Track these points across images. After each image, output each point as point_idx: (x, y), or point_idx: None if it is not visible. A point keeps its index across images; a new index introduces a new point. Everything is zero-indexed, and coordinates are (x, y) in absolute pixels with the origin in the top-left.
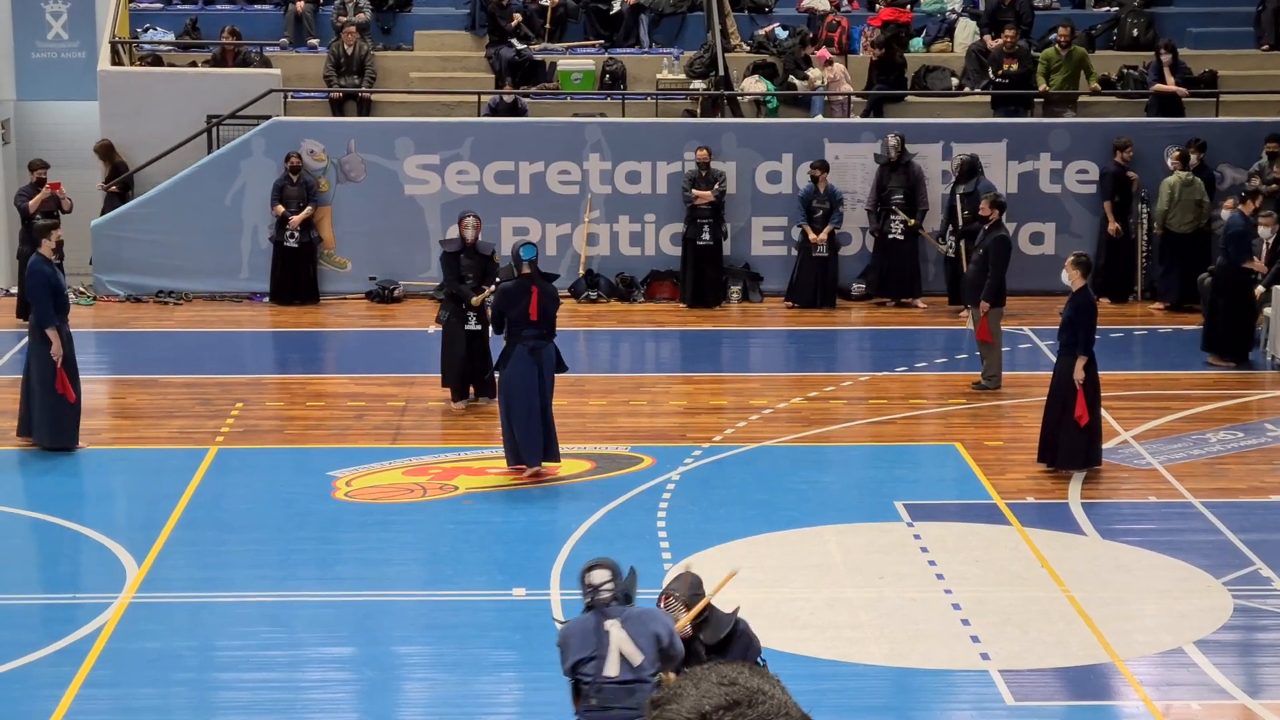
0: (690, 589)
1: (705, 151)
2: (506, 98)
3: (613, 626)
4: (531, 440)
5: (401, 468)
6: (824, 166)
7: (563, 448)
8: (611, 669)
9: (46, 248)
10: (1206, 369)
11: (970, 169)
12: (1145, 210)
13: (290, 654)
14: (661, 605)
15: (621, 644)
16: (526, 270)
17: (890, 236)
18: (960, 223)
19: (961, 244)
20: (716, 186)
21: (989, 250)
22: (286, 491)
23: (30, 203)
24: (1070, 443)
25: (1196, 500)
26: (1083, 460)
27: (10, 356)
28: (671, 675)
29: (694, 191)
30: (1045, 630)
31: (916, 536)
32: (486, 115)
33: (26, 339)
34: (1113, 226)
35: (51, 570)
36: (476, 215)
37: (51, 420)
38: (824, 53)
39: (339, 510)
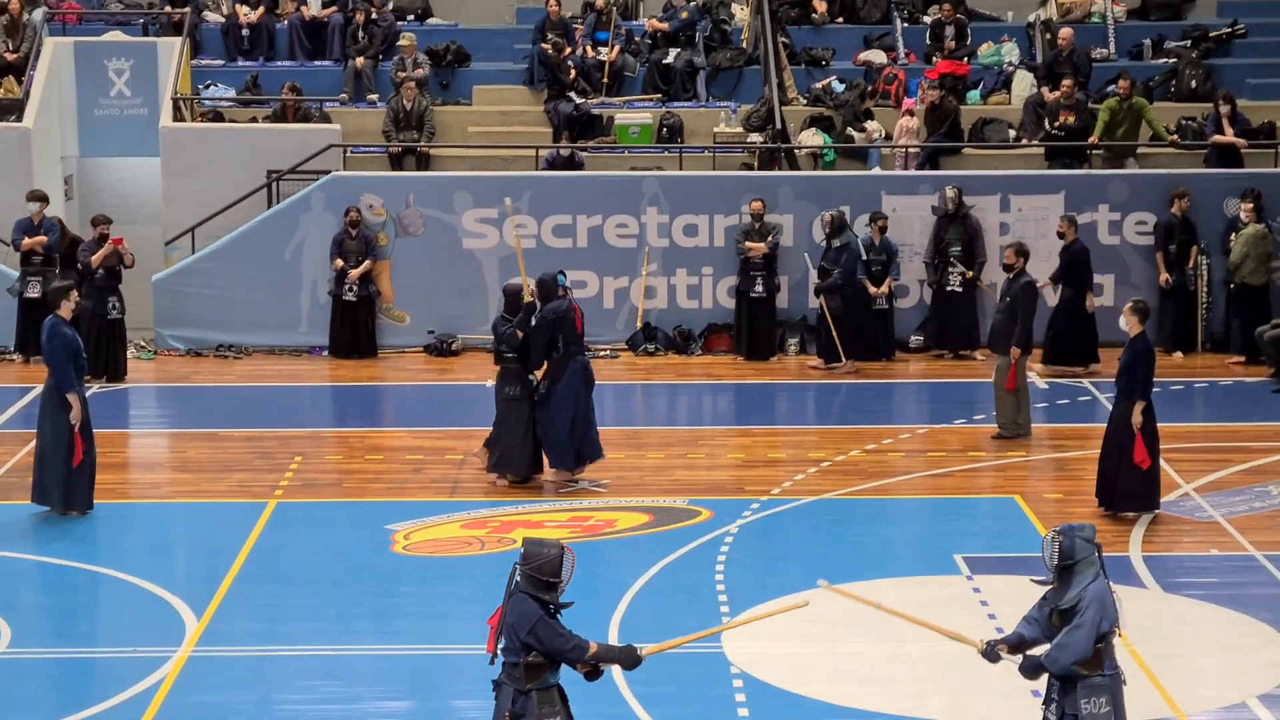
0: None
1: (760, 204)
2: (564, 151)
3: None
4: (567, 447)
5: (460, 521)
6: (880, 218)
7: (620, 500)
8: None
9: (65, 309)
10: (1269, 421)
11: (840, 225)
12: (1206, 261)
13: (349, 708)
14: None
15: None
16: (562, 293)
17: (948, 289)
18: (819, 279)
19: (822, 299)
20: (770, 239)
21: (1016, 298)
22: (345, 545)
23: (93, 258)
24: (1128, 486)
25: (1259, 553)
26: (1141, 503)
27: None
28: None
29: (747, 244)
30: None
31: (976, 590)
32: (544, 169)
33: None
34: (1163, 277)
35: (112, 624)
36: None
37: (64, 483)
38: (910, 102)
39: (397, 564)
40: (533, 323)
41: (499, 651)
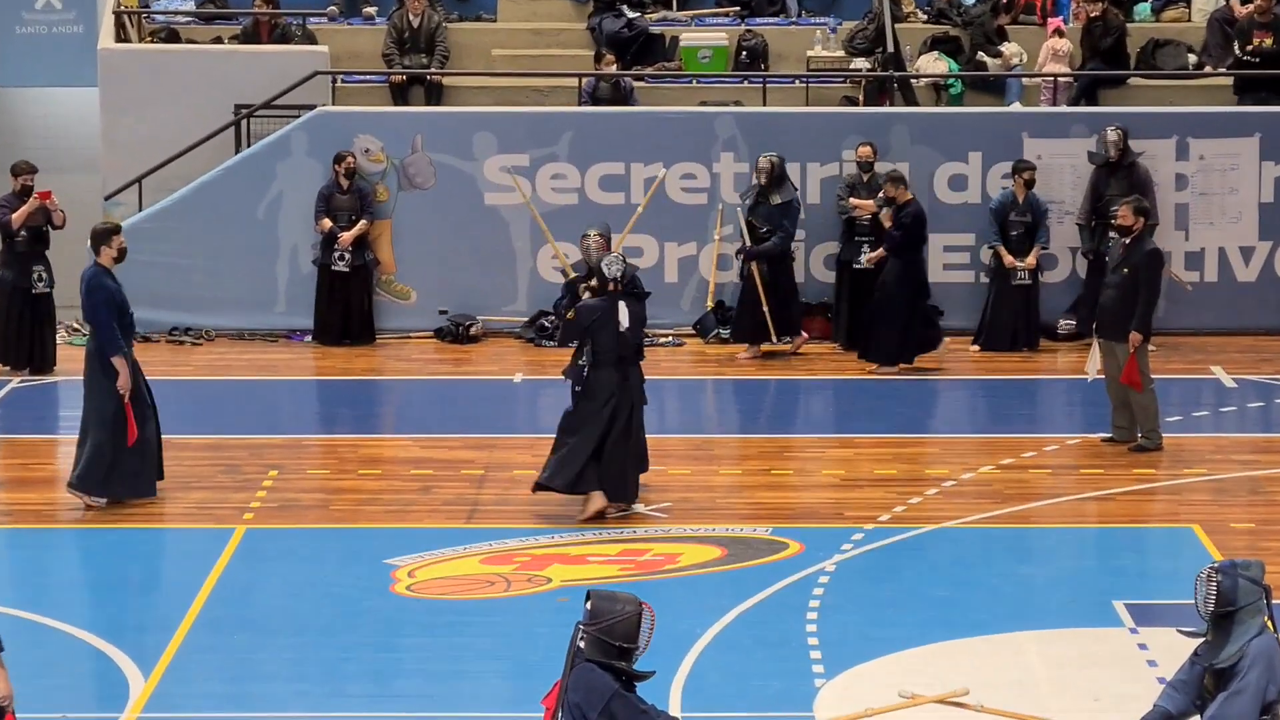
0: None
1: (869, 149)
2: (614, 81)
3: None
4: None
5: (479, 555)
6: (1024, 169)
7: (686, 528)
8: None
9: (107, 256)
10: None
11: (781, 175)
12: None
13: None
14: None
15: None
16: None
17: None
18: (749, 242)
19: (753, 267)
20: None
21: (1137, 268)
22: (333, 584)
23: (13, 216)
24: None
25: None
26: None
27: None
28: None
29: (852, 201)
30: None
31: (1142, 646)
32: (587, 104)
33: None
34: None
35: (36, 684)
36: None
37: (120, 467)
38: (1058, 21)
39: (400, 608)
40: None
41: None
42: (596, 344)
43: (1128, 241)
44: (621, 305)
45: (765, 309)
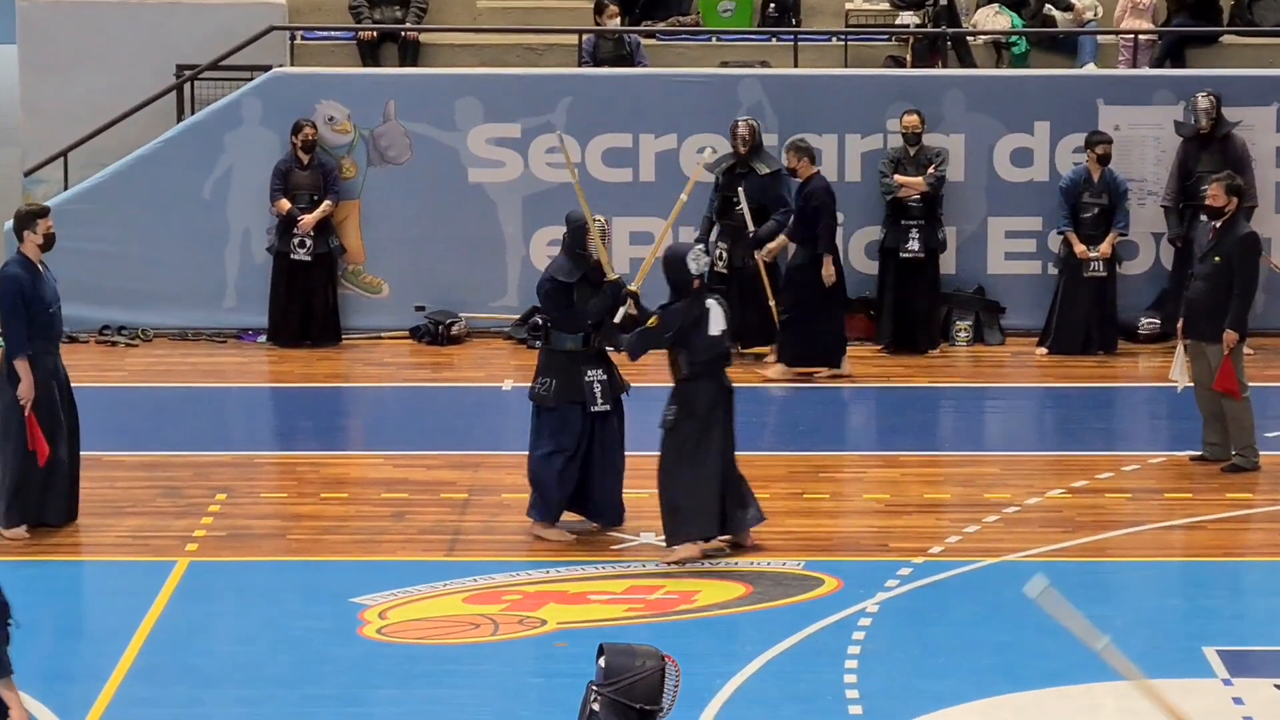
0: None
1: (916, 118)
2: (619, 38)
3: None
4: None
5: (462, 592)
6: (1100, 142)
7: (704, 563)
8: None
9: (31, 243)
10: None
11: (760, 143)
12: None
13: None
14: None
15: None
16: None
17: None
18: (753, 226)
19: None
20: (932, 171)
21: (1232, 257)
22: (291, 626)
23: None
24: None
25: None
26: None
27: None
28: None
29: (897, 179)
30: None
31: (1238, 701)
32: (588, 65)
33: None
34: None
35: None
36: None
37: (29, 489)
38: None
39: (369, 654)
40: (619, 311)
41: None
42: (691, 353)
43: (1218, 225)
44: (713, 305)
45: (772, 301)
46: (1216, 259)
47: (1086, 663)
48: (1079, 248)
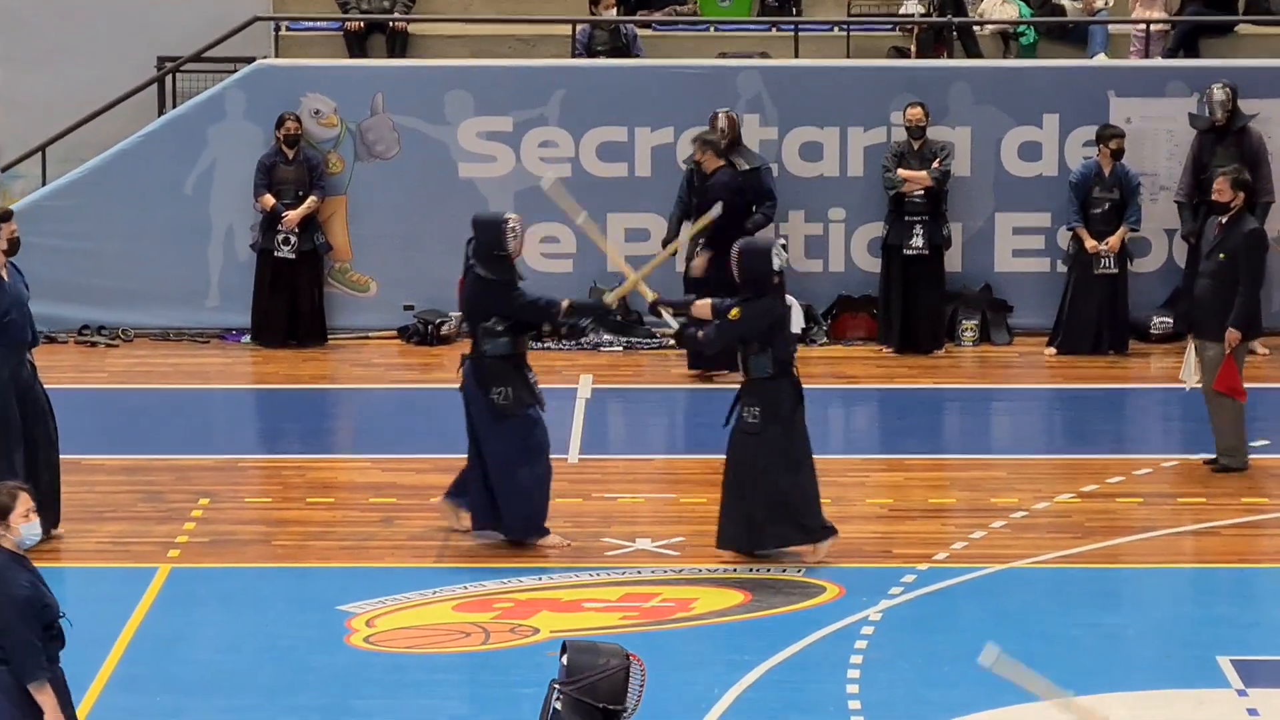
0: None
1: (921, 111)
2: (614, 28)
3: None
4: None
5: (452, 600)
6: (1113, 136)
7: (702, 568)
8: None
9: None
10: None
11: (739, 136)
12: None
13: None
14: None
15: None
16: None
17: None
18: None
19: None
20: (936, 165)
21: (1236, 252)
22: (277, 635)
23: None
24: None
25: None
26: None
27: None
28: None
29: (901, 173)
30: None
31: (1253, 712)
32: (582, 56)
33: None
34: None
35: None
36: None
37: None
38: None
39: (356, 664)
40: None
41: None
42: (775, 351)
43: (1224, 220)
44: (793, 302)
45: None
46: (1222, 255)
47: (1096, 673)
48: (1089, 243)
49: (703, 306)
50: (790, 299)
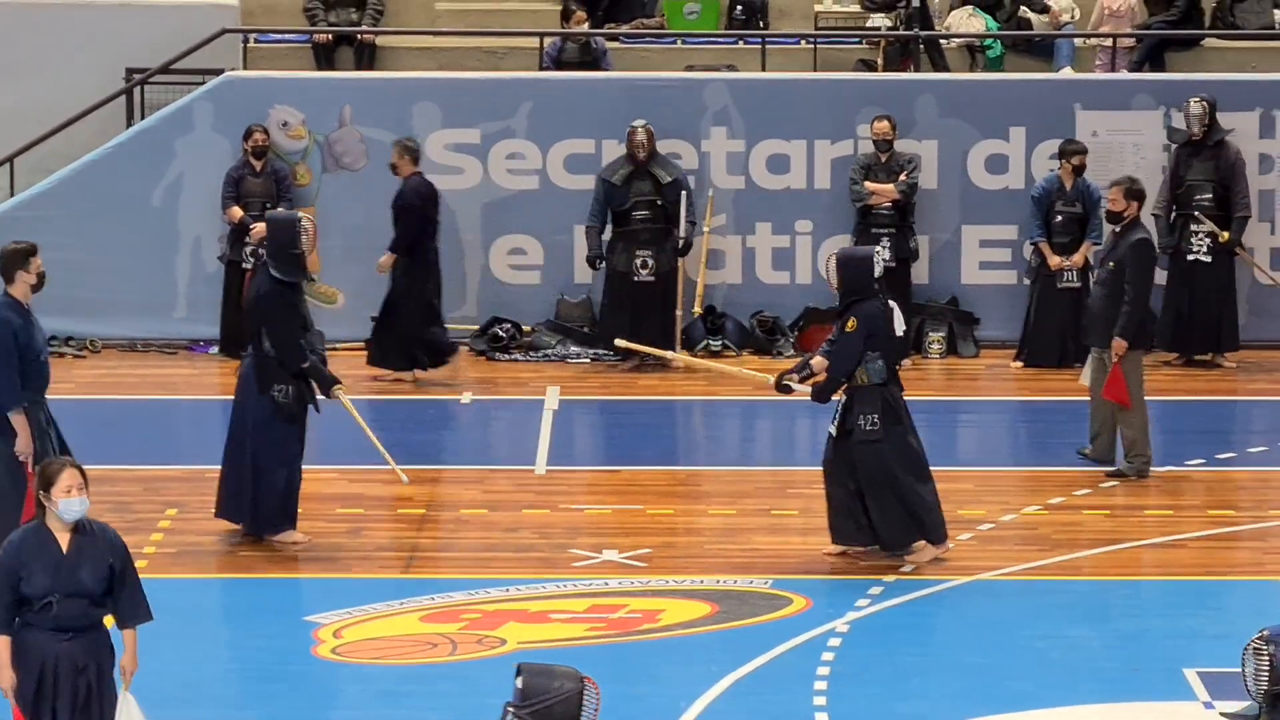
0: None
1: (888, 124)
2: (583, 41)
3: None
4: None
5: (419, 611)
6: (1075, 152)
7: (669, 580)
8: None
9: (22, 284)
10: None
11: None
12: None
13: None
14: None
15: None
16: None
17: (1190, 257)
18: (682, 232)
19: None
20: (903, 178)
21: (1125, 261)
22: (243, 646)
23: None
24: None
25: None
26: None
27: None
28: None
29: (868, 186)
30: None
31: None
32: (550, 69)
33: None
34: None
35: None
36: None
37: None
38: None
39: (324, 675)
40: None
41: None
42: (886, 354)
43: (1117, 230)
44: (894, 305)
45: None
46: (1111, 265)
47: (1062, 685)
48: (1053, 259)
49: (820, 362)
50: (892, 302)
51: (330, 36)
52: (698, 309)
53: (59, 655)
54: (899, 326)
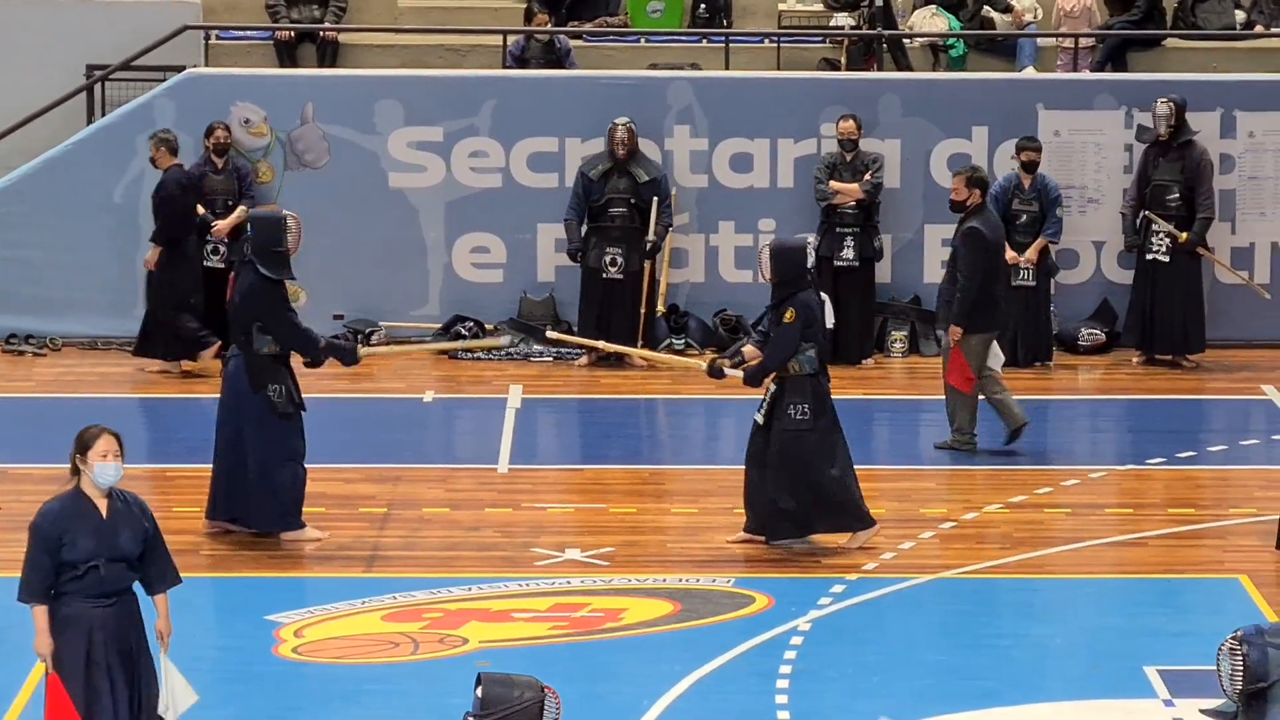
0: None
1: (852, 124)
2: (546, 40)
3: None
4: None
5: (381, 610)
6: (1026, 149)
7: (631, 578)
8: None
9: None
10: None
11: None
12: None
13: None
14: None
15: None
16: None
17: (1149, 256)
18: (654, 235)
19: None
20: (868, 177)
21: (956, 250)
22: (204, 645)
23: None
24: None
25: None
26: None
27: None
28: None
29: (833, 185)
30: None
31: None
32: (513, 67)
33: None
34: None
35: None
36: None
37: None
38: None
39: (285, 674)
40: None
41: None
42: (818, 346)
43: (962, 218)
44: (825, 298)
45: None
46: (951, 252)
47: (1024, 683)
48: (1009, 254)
49: (752, 351)
50: (824, 294)
51: (292, 33)
52: (661, 307)
53: (104, 621)
54: (829, 319)
